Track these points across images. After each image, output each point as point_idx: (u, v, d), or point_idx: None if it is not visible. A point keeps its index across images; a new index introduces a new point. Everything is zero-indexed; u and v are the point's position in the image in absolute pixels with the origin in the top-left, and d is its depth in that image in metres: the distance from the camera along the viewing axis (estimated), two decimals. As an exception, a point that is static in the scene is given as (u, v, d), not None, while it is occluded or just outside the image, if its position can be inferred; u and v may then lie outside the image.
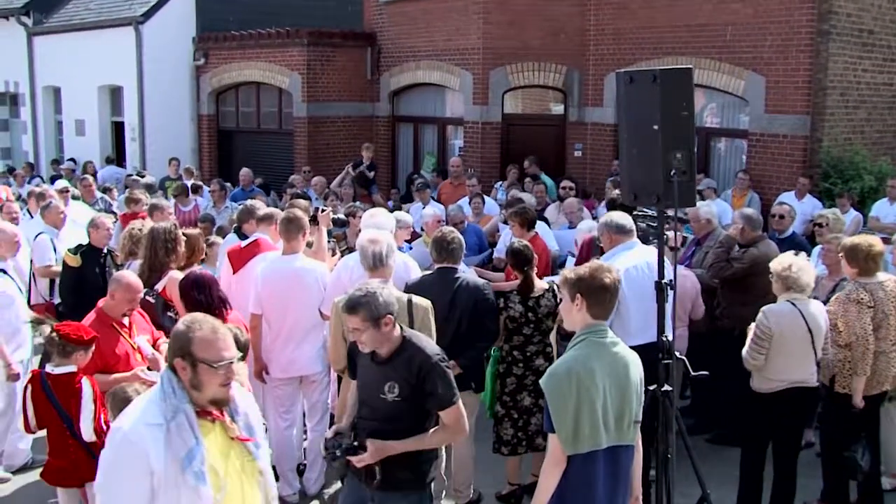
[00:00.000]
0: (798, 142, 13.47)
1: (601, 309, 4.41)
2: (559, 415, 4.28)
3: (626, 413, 4.42)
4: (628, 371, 4.43)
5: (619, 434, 4.40)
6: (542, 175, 14.59)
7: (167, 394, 3.48)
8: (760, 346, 6.24)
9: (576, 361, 4.35)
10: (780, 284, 6.39)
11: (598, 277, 4.38)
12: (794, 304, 6.27)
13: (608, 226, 6.73)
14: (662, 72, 5.32)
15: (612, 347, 4.43)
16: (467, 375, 6.67)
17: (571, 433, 4.26)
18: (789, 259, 6.42)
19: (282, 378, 7.04)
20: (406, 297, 5.84)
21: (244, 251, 7.55)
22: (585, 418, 4.26)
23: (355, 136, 18.67)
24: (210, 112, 20.73)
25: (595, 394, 4.28)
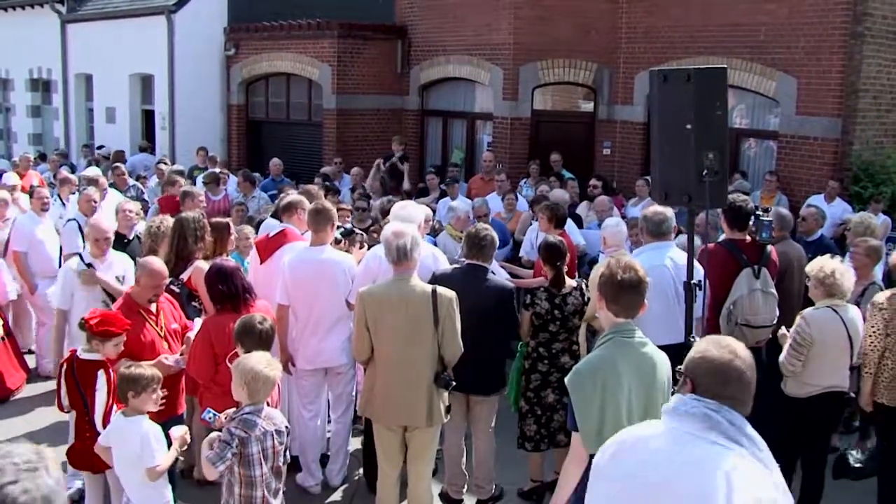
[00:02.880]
0: (829, 144, 13.35)
1: (622, 308, 4.40)
2: (583, 413, 4.28)
3: (650, 413, 4.38)
4: (655, 371, 4.42)
5: None
6: (564, 172, 14.56)
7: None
8: (799, 353, 6.21)
9: (601, 360, 4.35)
10: (822, 290, 6.34)
11: (617, 276, 4.37)
12: (836, 310, 6.25)
13: (646, 221, 6.69)
14: (697, 71, 5.30)
15: (639, 347, 4.41)
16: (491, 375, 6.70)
17: (595, 432, 4.25)
18: (831, 264, 6.38)
19: (307, 369, 7.05)
20: (430, 288, 5.84)
21: (271, 241, 7.57)
22: (609, 417, 4.25)
23: (384, 129, 18.69)
24: (240, 102, 20.80)
25: (620, 393, 4.28)
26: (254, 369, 4.89)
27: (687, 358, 3.11)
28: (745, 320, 6.89)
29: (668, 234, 6.68)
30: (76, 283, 7.34)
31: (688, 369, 3.08)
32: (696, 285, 5.41)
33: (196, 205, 9.37)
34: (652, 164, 5.78)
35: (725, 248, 7.08)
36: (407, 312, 5.74)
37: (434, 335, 5.76)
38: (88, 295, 7.33)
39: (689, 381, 3.06)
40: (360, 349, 5.95)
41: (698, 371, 3.05)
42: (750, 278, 6.94)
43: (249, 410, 4.91)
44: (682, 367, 3.11)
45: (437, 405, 5.88)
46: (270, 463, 4.94)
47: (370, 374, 5.99)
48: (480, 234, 6.62)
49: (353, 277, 6.90)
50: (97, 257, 7.47)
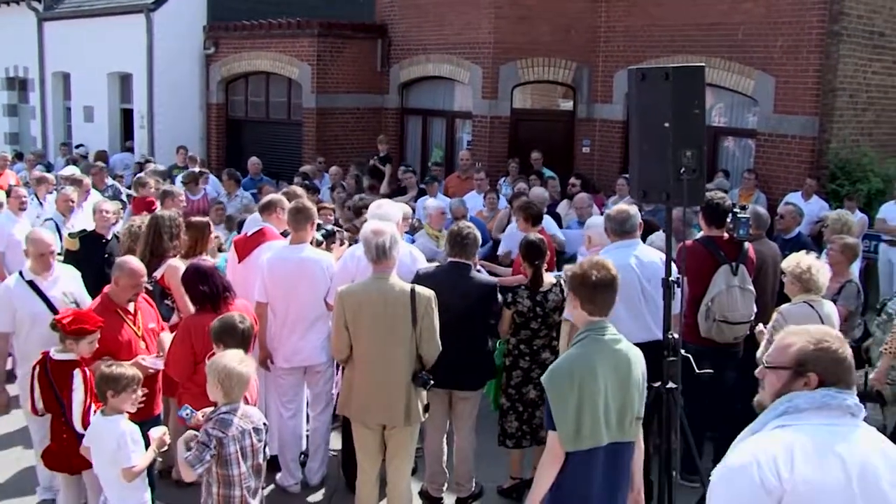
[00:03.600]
0: (806, 143, 13.44)
1: (595, 306, 4.44)
2: (560, 413, 4.30)
3: (627, 410, 4.45)
4: (630, 368, 4.45)
5: (621, 431, 4.42)
6: (544, 170, 14.59)
7: None
8: None
9: (577, 359, 4.38)
10: (798, 286, 6.40)
11: (591, 276, 4.41)
12: (812, 305, 6.31)
13: (609, 221, 6.74)
14: (675, 69, 5.32)
15: (613, 344, 4.44)
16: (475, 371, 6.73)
17: (573, 431, 4.28)
18: (807, 260, 6.44)
19: (286, 368, 7.03)
20: (409, 287, 5.85)
21: (249, 240, 7.55)
22: (587, 416, 4.28)
23: (364, 128, 18.68)
24: (219, 101, 20.73)
25: (596, 392, 4.30)
26: (226, 367, 4.87)
27: (799, 352, 3.04)
28: (722, 317, 6.95)
29: (632, 233, 6.71)
30: (20, 299, 6.47)
31: (808, 363, 3.01)
32: (675, 282, 5.42)
33: (176, 204, 9.35)
34: (630, 162, 5.80)
35: (703, 245, 7.12)
36: (385, 311, 5.75)
37: (412, 334, 5.77)
38: (35, 310, 6.50)
39: (816, 376, 3.00)
40: (339, 348, 5.94)
41: (823, 363, 3.01)
42: (728, 275, 6.99)
43: (226, 410, 4.89)
44: (792, 362, 3.04)
45: (415, 404, 5.88)
46: (250, 461, 4.92)
47: (349, 373, 5.99)
48: (463, 231, 6.63)
49: (332, 276, 6.90)
50: (39, 273, 6.57)
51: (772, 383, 3.11)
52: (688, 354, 5.59)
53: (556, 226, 10.20)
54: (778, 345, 3.14)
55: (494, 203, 12.04)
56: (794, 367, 3.03)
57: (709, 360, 6.60)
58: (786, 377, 3.05)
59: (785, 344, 3.11)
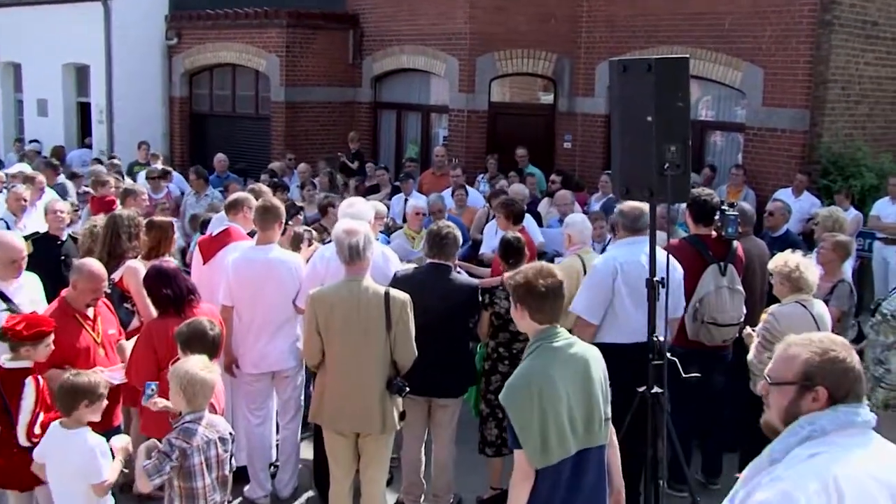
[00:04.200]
0: (797, 137, 13.53)
1: (545, 315, 4.39)
2: (524, 430, 4.24)
3: (594, 414, 4.41)
4: (589, 370, 4.42)
5: (589, 437, 4.38)
6: (529, 167, 14.64)
7: None
8: (770, 350, 6.21)
9: (532, 371, 4.33)
10: (788, 286, 6.44)
11: (533, 284, 4.36)
12: (804, 305, 6.36)
13: (622, 216, 6.74)
14: (657, 61, 5.35)
15: (567, 349, 4.41)
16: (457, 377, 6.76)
17: (539, 447, 4.23)
18: (794, 258, 6.48)
19: (253, 373, 7.03)
20: (383, 290, 5.86)
21: (214, 241, 7.54)
22: (552, 429, 4.24)
23: (335, 123, 18.69)
24: (183, 94, 20.65)
25: (558, 402, 4.26)
26: (189, 373, 4.85)
27: (805, 365, 2.91)
28: (711, 318, 6.98)
29: (644, 230, 6.72)
30: None
31: (815, 377, 2.89)
32: (659, 282, 5.46)
33: (139, 203, 9.28)
34: (612, 157, 5.84)
35: (690, 243, 7.16)
36: (359, 315, 5.76)
37: (387, 339, 5.78)
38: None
39: (825, 390, 2.88)
40: (311, 353, 5.95)
41: (831, 375, 2.89)
42: (716, 275, 7.02)
43: (189, 419, 4.87)
44: (798, 376, 2.91)
45: (390, 411, 5.89)
46: (215, 473, 4.91)
47: (321, 378, 6.00)
48: (442, 231, 6.65)
49: (301, 278, 6.91)
50: (6, 280, 6.42)
51: (777, 401, 2.99)
52: (674, 358, 5.63)
53: (536, 225, 10.22)
54: (780, 358, 3.02)
55: (463, 200, 12.05)
56: (800, 382, 2.92)
57: (696, 363, 6.61)
58: (792, 393, 2.94)
59: (788, 356, 2.99)
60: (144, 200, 9.82)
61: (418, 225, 9.93)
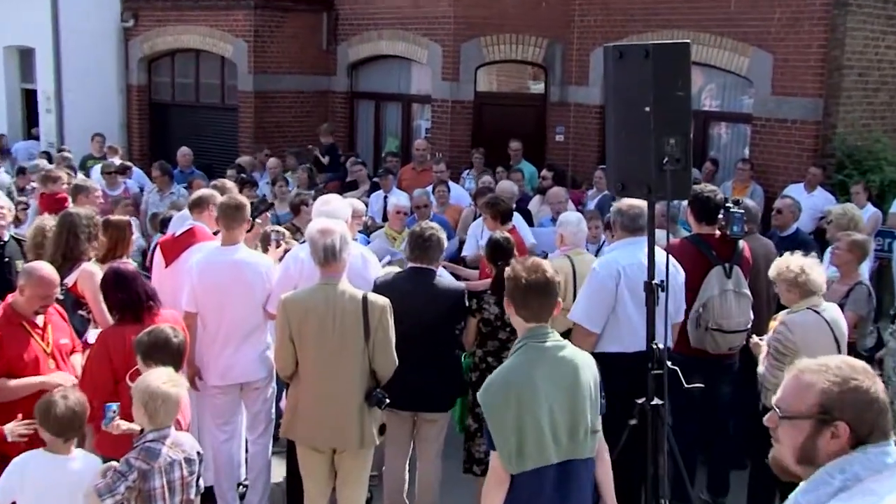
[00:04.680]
0: (809, 128, 13.53)
1: (529, 312, 4.50)
2: (498, 431, 4.35)
3: (580, 423, 4.47)
4: (577, 376, 4.49)
5: (574, 447, 4.46)
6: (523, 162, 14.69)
7: None
8: (782, 363, 6.26)
9: (512, 371, 4.43)
10: (796, 292, 6.41)
11: (522, 279, 4.49)
12: (817, 311, 6.35)
13: (620, 215, 6.78)
14: (656, 47, 5.39)
15: (555, 352, 4.49)
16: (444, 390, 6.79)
17: (514, 451, 4.32)
18: (796, 261, 6.44)
19: (220, 385, 7.04)
20: (361, 294, 5.89)
21: (177, 241, 7.55)
22: (529, 433, 4.32)
23: (308, 114, 18.70)
24: (141, 82, 20.61)
25: (537, 406, 4.34)
26: (151, 388, 4.82)
27: (822, 396, 2.70)
28: (716, 325, 7.01)
29: (643, 230, 6.77)
30: None
31: (834, 410, 2.69)
32: (658, 286, 5.51)
33: (92, 201, 9.24)
34: (607, 151, 5.88)
35: (692, 244, 7.21)
36: (335, 321, 5.79)
37: (365, 347, 5.82)
38: None
39: (846, 426, 2.68)
40: (283, 362, 5.98)
41: (853, 408, 2.69)
42: (721, 277, 7.06)
43: (152, 437, 4.86)
44: (814, 409, 2.70)
45: (368, 425, 5.93)
46: (179, 497, 4.89)
47: (294, 390, 6.03)
48: (425, 233, 6.67)
49: (272, 281, 6.93)
50: None
51: (790, 437, 2.78)
52: (675, 367, 5.67)
53: (526, 225, 10.23)
54: (792, 387, 2.82)
55: (445, 197, 12.06)
56: (817, 416, 2.71)
57: (700, 373, 6.67)
58: (808, 428, 2.73)
59: (802, 385, 2.78)
60: (98, 198, 9.78)
61: (400, 224, 9.97)
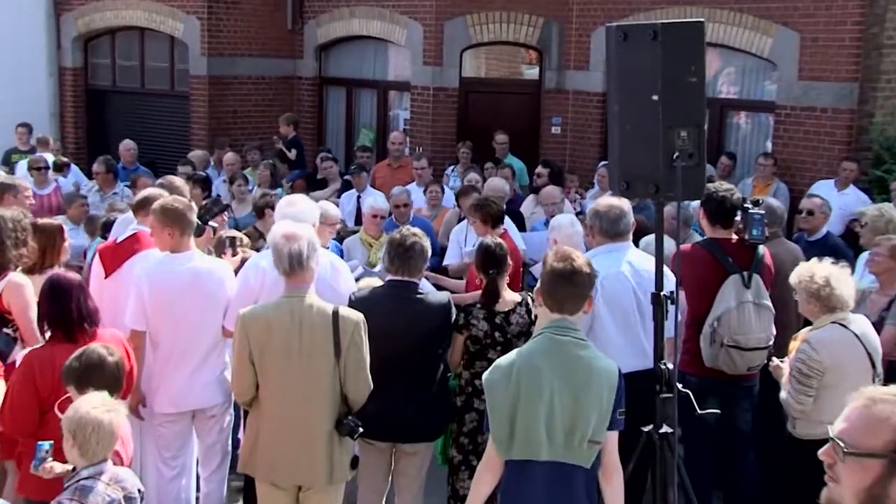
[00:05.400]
0: (841, 117, 13.52)
1: (553, 301, 4.89)
2: (494, 412, 4.81)
3: (577, 427, 4.78)
4: (589, 379, 4.80)
5: (569, 451, 4.77)
6: (509, 157, 14.75)
7: None
8: (808, 386, 6.28)
9: (520, 356, 4.87)
10: (817, 305, 6.40)
11: (548, 263, 4.91)
12: (844, 325, 6.33)
13: (598, 218, 6.83)
14: (665, 26, 5.42)
15: (573, 348, 4.84)
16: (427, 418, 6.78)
17: (506, 435, 4.77)
18: (822, 270, 6.42)
19: (170, 413, 7.03)
20: (331, 308, 5.90)
21: (119, 248, 7.52)
22: (521, 421, 4.73)
23: (270, 102, 18.72)
24: (76, 65, 20.60)
25: (536, 395, 4.73)
26: (82, 417, 4.78)
27: None
28: (733, 341, 7.00)
29: (625, 234, 6.83)
30: None
31: None
32: (668, 297, 5.55)
33: (20, 202, 9.21)
34: (610, 145, 5.91)
35: (706, 249, 7.22)
36: (301, 339, 5.79)
37: (335, 368, 5.82)
38: None
39: None
40: (242, 387, 5.97)
41: None
42: (738, 287, 7.07)
43: (87, 474, 4.84)
44: (890, 447, 2.61)
45: (339, 458, 5.93)
46: (118, 543, 4.87)
47: (254, 419, 6.03)
48: (406, 241, 6.63)
49: (230, 293, 6.93)
50: None
51: (855, 477, 2.67)
52: (687, 390, 5.70)
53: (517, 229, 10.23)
54: (860, 419, 2.72)
55: (438, 198, 12.12)
56: (892, 456, 2.62)
57: (715, 396, 6.71)
58: (878, 470, 2.63)
59: (874, 418, 2.69)
60: (28, 198, 9.76)
61: (376, 229, 9.98)
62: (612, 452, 4.99)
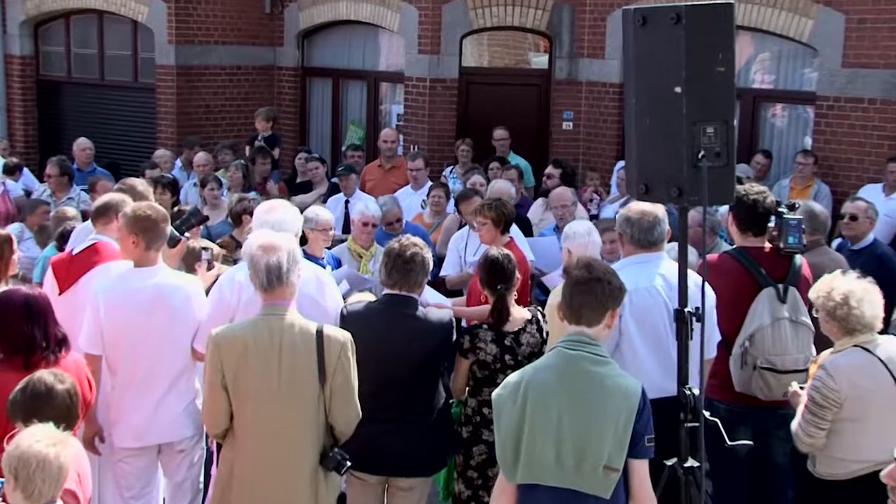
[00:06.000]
0: (892, 109, 13.47)
1: (569, 311, 4.99)
2: (500, 431, 4.93)
3: (587, 452, 4.82)
4: (604, 398, 4.84)
5: (580, 478, 4.82)
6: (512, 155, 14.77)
7: None
8: (821, 418, 6.15)
9: (530, 372, 4.97)
10: (834, 325, 6.30)
11: (568, 272, 5.08)
12: (868, 349, 6.21)
13: (629, 225, 6.81)
14: (690, 9, 5.42)
15: (586, 364, 4.89)
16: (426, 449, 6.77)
17: (510, 457, 4.88)
18: (843, 286, 6.27)
19: (133, 448, 7.00)
20: (314, 328, 5.89)
21: (75, 261, 7.51)
22: (527, 440, 4.81)
23: (247, 96, 18.76)
24: (24, 53, 20.61)
25: (541, 413, 4.82)
26: (19, 448, 4.69)
27: None
28: (767, 363, 6.98)
29: (659, 244, 6.78)
30: None
31: None
32: (693, 314, 5.55)
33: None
34: (626, 143, 5.92)
35: (736, 260, 7.21)
36: (281, 363, 5.79)
37: (320, 395, 5.83)
38: None
39: None
40: (215, 418, 5.97)
41: None
42: (773, 302, 7.06)
43: None
44: None
45: (324, 496, 5.94)
46: None
47: (228, 452, 6.03)
48: (406, 252, 6.62)
49: (201, 311, 6.91)
50: None
51: None
52: (715, 419, 5.69)
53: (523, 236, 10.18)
54: None
55: (442, 205, 12.04)
56: None
57: (747, 425, 6.71)
58: None
59: None
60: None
61: (367, 238, 9.94)
62: (641, 484, 5.01)
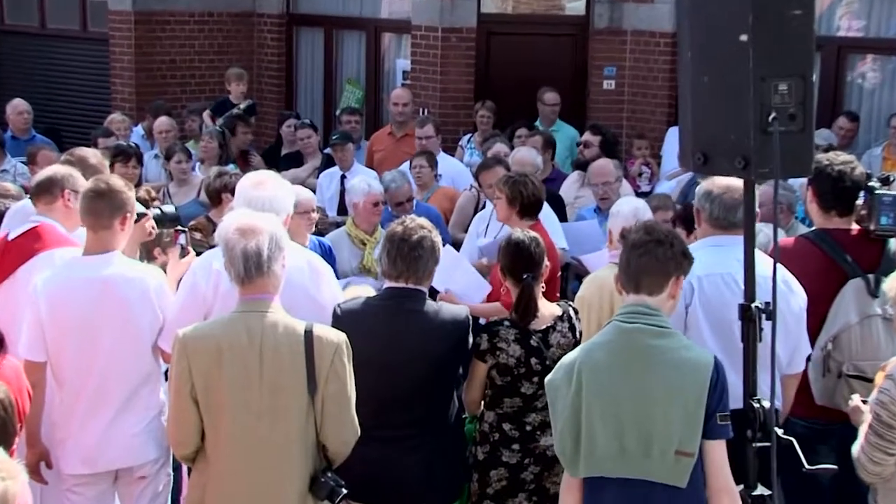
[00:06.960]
0: None
1: (629, 278, 5.23)
2: (555, 420, 5.15)
3: (653, 435, 4.95)
4: (669, 374, 4.98)
5: (648, 465, 4.94)
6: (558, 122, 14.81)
7: None
8: (890, 441, 6.00)
9: (583, 349, 5.19)
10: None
11: (628, 235, 5.32)
12: None
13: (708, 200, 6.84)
14: (758, -59, 5.42)
15: (645, 337, 5.04)
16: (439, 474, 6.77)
17: (570, 448, 5.04)
18: None
19: (84, 475, 7.00)
20: (302, 327, 5.88)
21: (12, 248, 7.49)
22: (585, 428, 4.94)
23: (220, 49, 18.80)
24: (-47, 0, 20.71)
25: (597, 396, 4.96)
26: None
27: None
28: (855, 369, 6.96)
29: (740, 226, 6.71)
30: None
31: None
32: (762, 311, 5.52)
33: None
34: (680, 104, 5.90)
35: (815, 244, 7.20)
36: (262, 368, 5.79)
37: (309, 408, 5.83)
38: None
39: None
40: (182, 435, 5.98)
41: None
42: (861, 296, 7.04)
43: None
44: None
45: (313, 529, 5.97)
46: None
47: (198, 478, 6.04)
48: (412, 237, 6.59)
49: (165, 307, 6.92)
50: None
51: None
52: (791, 438, 5.68)
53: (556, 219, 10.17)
54: None
55: (427, 176, 12.14)
56: None
57: (830, 445, 6.70)
58: None
59: None
60: None
61: (373, 221, 9.97)
62: (718, 470, 5.15)
